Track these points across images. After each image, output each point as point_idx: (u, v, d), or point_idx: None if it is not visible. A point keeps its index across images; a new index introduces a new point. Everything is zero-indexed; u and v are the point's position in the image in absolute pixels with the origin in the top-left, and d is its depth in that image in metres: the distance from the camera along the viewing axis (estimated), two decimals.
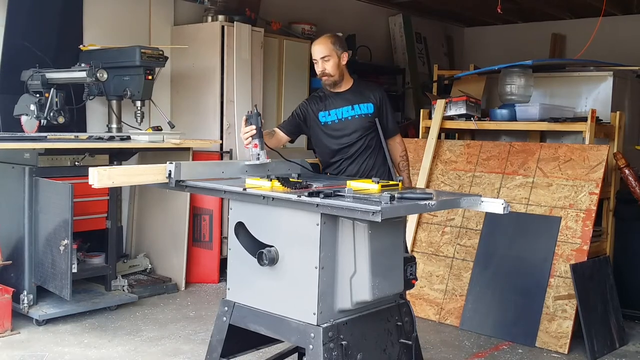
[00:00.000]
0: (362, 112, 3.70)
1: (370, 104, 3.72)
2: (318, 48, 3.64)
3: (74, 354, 4.04)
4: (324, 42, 3.65)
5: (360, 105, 3.70)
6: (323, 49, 3.62)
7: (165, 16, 6.17)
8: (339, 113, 3.69)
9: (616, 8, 8.07)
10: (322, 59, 3.62)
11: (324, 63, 3.63)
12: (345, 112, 3.70)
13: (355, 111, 3.70)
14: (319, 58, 3.63)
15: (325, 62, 3.62)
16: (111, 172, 2.69)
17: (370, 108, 3.71)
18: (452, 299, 4.89)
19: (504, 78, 5.58)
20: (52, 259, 4.37)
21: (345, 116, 3.69)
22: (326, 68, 3.63)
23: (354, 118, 3.69)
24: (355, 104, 3.70)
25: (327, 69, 3.63)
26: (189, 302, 5.21)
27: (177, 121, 5.65)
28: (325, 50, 3.62)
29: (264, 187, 2.72)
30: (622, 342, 4.55)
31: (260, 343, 3.04)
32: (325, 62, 3.62)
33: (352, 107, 3.70)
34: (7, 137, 4.54)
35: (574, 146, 4.86)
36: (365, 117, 3.70)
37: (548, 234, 4.63)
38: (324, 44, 3.64)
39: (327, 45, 3.63)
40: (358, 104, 3.70)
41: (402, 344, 2.81)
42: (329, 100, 3.72)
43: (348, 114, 3.70)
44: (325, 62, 3.62)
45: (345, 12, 8.01)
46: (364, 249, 2.54)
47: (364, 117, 3.70)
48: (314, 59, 3.69)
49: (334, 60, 3.63)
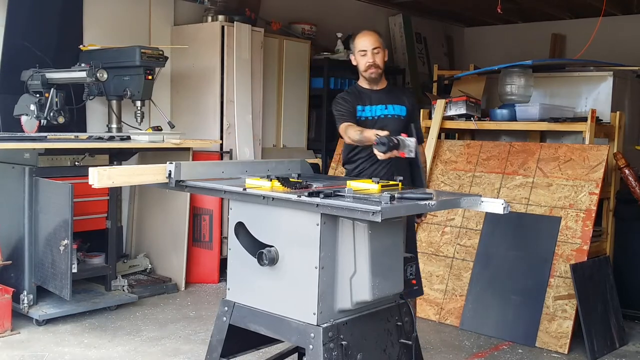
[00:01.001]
0: (395, 113, 3.68)
1: (403, 107, 3.71)
2: (370, 39, 3.66)
3: (74, 354, 4.04)
4: (375, 35, 3.68)
5: (395, 105, 3.69)
6: (375, 41, 3.65)
7: (165, 16, 6.17)
8: (373, 110, 3.67)
9: (616, 8, 8.07)
10: (373, 50, 3.64)
11: (374, 55, 3.64)
12: (379, 110, 3.67)
13: (389, 111, 3.68)
14: (370, 49, 3.64)
15: (376, 54, 3.65)
16: (111, 172, 2.69)
17: (403, 111, 3.70)
18: (452, 299, 4.89)
19: (504, 78, 5.58)
20: (52, 259, 4.37)
21: (378, 114, 3.66)
22: (376, 60, 3.64)
23: (387, 118, 3.66)
24: (389, 104, 3.68)
25: (377, 60, 3.64)
26: (189, 302, 5.21)
27: (177, 121, 5.65)
28: (377, 42, 3.65)
29: (264, 187, 2.72)
30: (622, 342, 4.55)
31: (260, 343, 3.04)
32: (376, 54, 3.65)
33: (386, 107, 3.68)
34: (7, 137, 4.54)
35: (574, 146, 4.86)
36: (397, 119, 3.68)
37: (548, 234, 4.63)
38: (374, 36, 3.68)
39: (378, 38, 3.68)
40: (392, 104, 3.68)
41: (402, 344, 2.81)
42: (364, 97, 3.69)
43: (382, 112, 3.67)
44: (375, 53, 3.64)
45: (345, 12, 8.01)
46: (364, 249, 2.54)
47: (396, 119, 3.67)
48: (361, 50, 3.67)
49: (382, 53, 3.67)
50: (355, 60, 3.74)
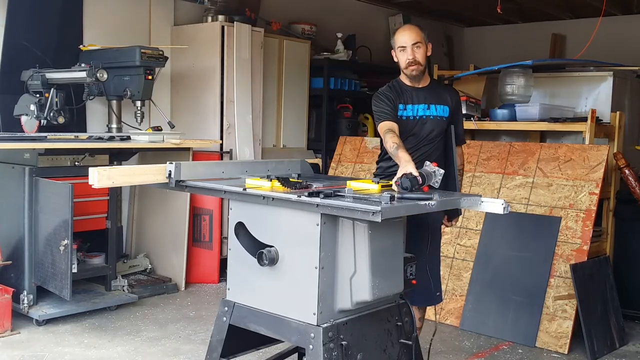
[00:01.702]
0: (437, 114, 3.45)
1: (446, 107, 3.48)
2: (409, 34, 3.40)
3: (74, 354, 4.04)
4: (415, 29, 3.42)
5: (437, 106, 3.46)
6: (415, 35, 3.39)
7: (165, 16, 6.17)
8: (415, 110, 3.45)
9: (616, 8, 8.06)
10: (413, 45, 3.38)
11: (414, 50, 3.38)
12: (420, 109, 3.45)
13: (431, 111, 3.46)
14: (409, 44, 3.38)
15: (417, 49, 3.39)
16: (111, 172, 2.69)
17: (446, 111, 3.48)
18: (452, 299, 4.89)
19: (504, 78, 5.58)
20: (52, 259, 4.37)
21: (420, 114, 3.44)
22: (416, 56, 3.39)
23: (429, 118, 3.44)
24: (432, 104, 3.45)
25: (418, 56, 3.38)
26: (189, 302, 5.21)
27: (177, 121, 5.65)
28: (417, 37, 3.39)
29: (264, 187, 2.72)
30: (622, 342, 4.55)
31: (260, 343, 3.04)
32: (416, 50, 3.39)
33: (428, 107, 3.45)
34: (7, 137, 4.54)
35: (574, 146, 4.86)
36: (440, 120, 3.46)
37: (548, 234, 4.63)
38: (415, 30, 3.41)
39: (419, 32, 3.41)
40: (434, 104, 3.46)
41: (402, 344, 2.81)
42: (406, 94, 3.47)
43: (423, 112, 3.45)
44: (416, 49, 3.39)
45: (345, 12, 8.00)
46: (364, 249, 2.54)
47: (438, 120, 3.45)
48: (400, 46, 3.42)
49: (424, 48, 3.41)
50: (396, 57, 3.50)
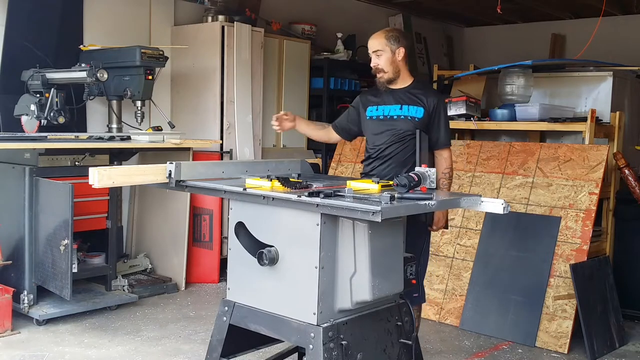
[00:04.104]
0: (409, 114, 3.46)
1: (420, 108, 3.47)
2: (370, 42, 3.51)
3: (74, 354, 4.04)
4: (378, 36, 3.49)
5: (410, 106, 3.47)
6: (375, 43, 3.48)
7: (165, 16, 6.17)
8: (387, 110, 3.50)
9: (616, 8, 8.07)
10: (374, 52, 3.48)
11: (376, 58, 3.48)
12: (392, 110, 3.49)
13: (403, 112, 3.47)
14: (371, 52, 3.49)
15: (378, 56, 3.47)
16: (111, 172, 2.70)
17: (420, 112, 3.47)
18: (452, 299, 4.89)
19: (503, 78, 5.58)
20: (52, 259, 4.37)
21: (391, 114, 3.48)
22: (379, 63, 3.46)
23: (400, 118, 3.47)
24: (405, 104, 3.48)
25: (380, 64, 3.46)
26: (189, 302, 5.22)
27: (177, 121, 5.65)
28: (377, 45, 3.46)
29: (264, 187, 2.72)
30: (622, 342, 4.55)
31: (260, 343, 3.04)
32: (378, 57, 3.47)
33: (401, 107, 3.48)
34: (7, 137, 4.54)
35: (574, 146, 4.86)
36: (410, 121, 3.46)
37: (548, 234, 4.64)
38: (377, 37, 3.49)
39: (380, 40, 3.47)
40: (407, 105, 3.48)
41: (402, 344, 2.82)
42: (381, 96, 3.54)
43: (394, 112, 3.48)
44: (376, 57, 3.47)
45: (345, 12, 8.01)
46: (364, 249, 2.54)
47: (409, 120, 3.46)
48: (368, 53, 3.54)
49: (387, 55, 3.45)
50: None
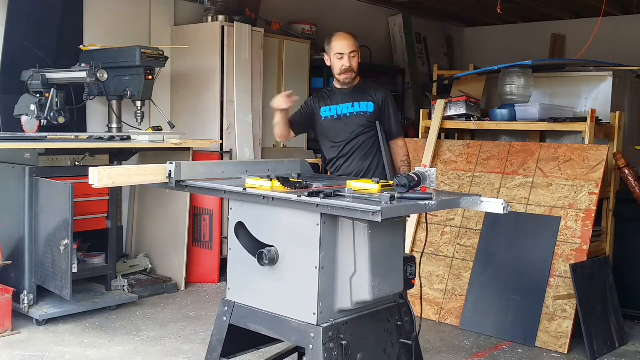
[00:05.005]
0: (361, 110, 3.67)
1: (370, 103, 3.69)
2: (347, 43, 3.61)
3: (74, 354, 4.04)
4: (349, 38, 3.63)
5: (361, 103, 3.68)
6: (352, 45, 3.61)
7: (166, 16, 6.17)
8: (339, 109, 3.68)
9: (616, 8, 8.07)
10: (350, 53, 3.60)
11: (351, 59, 3.60)
12: (345, 108, 3.68)
13: (355, 108, 3.68)
14: (347, 53, 3.59)
15: (352, 58, 3.61)
16: (111, 172, 2.70)
17: (370, 107, 3.69)
18: (452, 299, 4.89)
19: (503, 78, 5.58)
20: (52, 259, 4.37)
21: (344, 112, 3.68)
22: (352, 64, 3.61)
23: (352, 115, 3.67)
24: (356, 102, 3.68)
25: (353, 64, 3.62)
26: (189, 302, 5.22)
27: (177, 121, 5.65)
28: (354, 46, 3.62)
29: (264, 187, 2.72)
30: (622, 342, 4.55)
31: (260, 343, 3.04)
32: (352, 58, 3.61)
33: (352, 105, 3.68)
34: (7, 137, 4.54)
35: (574, 146, 4.86)
36: (363, 115, 3.68)
37: (548, 234, 4.64)
38: (352, 40, 3.63)
39: (355, 42, 3.63)
40: (358, 102, 3.68)
41: (402, 344, 2.82)
42: (333, 97, 3.72)
43: (347, 110, 3.68)
44: (352, 57, 3.61)
45: (345, 12, 8.01)
46: (364, 249, 2.54)
47: (362, 115, 3.68)
48: (338, 53, 3.62)
49: (358, 57, 3.64)
50: (330, 62, 3.71)
